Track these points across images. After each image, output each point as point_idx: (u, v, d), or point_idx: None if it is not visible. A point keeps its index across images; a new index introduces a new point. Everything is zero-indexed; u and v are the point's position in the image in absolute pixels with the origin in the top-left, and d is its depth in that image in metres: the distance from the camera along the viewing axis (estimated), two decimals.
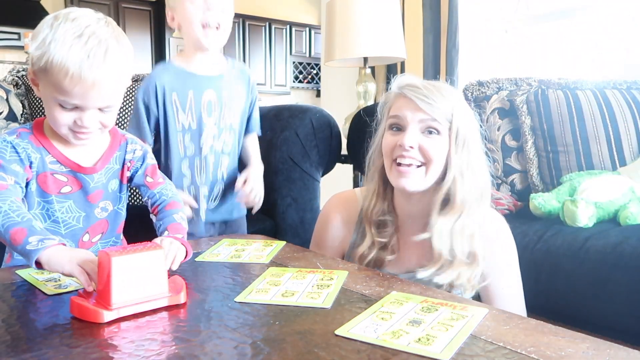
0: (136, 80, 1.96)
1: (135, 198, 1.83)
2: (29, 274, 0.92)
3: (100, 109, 0.95)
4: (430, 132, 1.02)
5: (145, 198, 1.11)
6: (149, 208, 1.09)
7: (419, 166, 1.03)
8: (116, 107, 0.99)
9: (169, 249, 0.91)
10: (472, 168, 1.03)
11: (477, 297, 1.09)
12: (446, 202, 1.04)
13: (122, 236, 1.13)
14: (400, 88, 1.05)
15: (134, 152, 1.09)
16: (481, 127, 1.10)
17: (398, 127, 1.05)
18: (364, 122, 1.17)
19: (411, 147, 1.02)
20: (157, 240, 0.95)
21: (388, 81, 1.12)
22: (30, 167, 0.97)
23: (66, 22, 0.90)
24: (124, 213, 1.11)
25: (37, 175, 0.99)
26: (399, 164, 1.04)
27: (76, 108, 0.93)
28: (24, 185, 0.96)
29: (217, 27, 1.39)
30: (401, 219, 1.12)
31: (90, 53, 0.88)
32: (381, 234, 1.10)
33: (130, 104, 1.91)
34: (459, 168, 1.02)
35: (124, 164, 1.08)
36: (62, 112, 0.94)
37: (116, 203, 1.09)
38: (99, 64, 0.89)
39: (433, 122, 1.01)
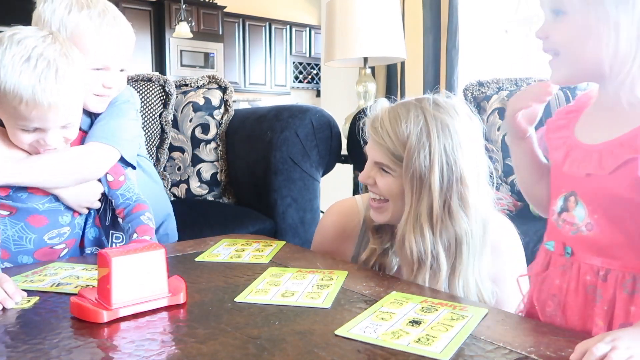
0: (136, 80, 1.96)
1: None
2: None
3: (63, 126, 0.96)
4: (384, 170, 0.98)
5: (110, 197, 1.10)
6: (115, 208, 1.10)
7: (384, 201, 1.00)
8: (77, 121, 1.00)
9: None
10: (435, 216, 0.92)
11: None
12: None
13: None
14: (368, 121, 1.02)
15: None
16: (490, 157, 0.97)
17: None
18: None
19: (367, 183, 1.01)
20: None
21: (388, 81, 1.11)
22: None
23: (12, 45, 0.89)
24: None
25: None
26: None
27: (37, 129, 0.94)
28: None
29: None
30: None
31: (41, 77, 0.88)
32: (379, 239, 1.06)
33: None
34: (413, 216, 0.93)
35: None
36: (24, 134, 0.94)
37: None
38: (51, 87, 0.89)
39: (381, 162, 0.98)
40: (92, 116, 1.16)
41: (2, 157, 0.98)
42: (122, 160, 1.13)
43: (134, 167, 1.18)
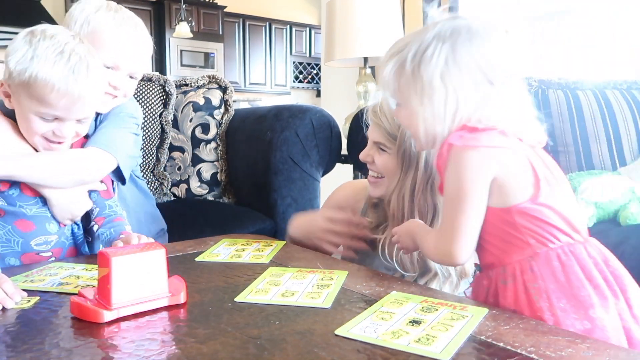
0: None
1: None
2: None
3: (78, 120, 1.00)
4: (381, 149, 1.09)
5: (94, 205, 1.11)
6: (92, 216, 1.11)
7: (380, 177, 1.11)
8: (92, 118, 1.05)
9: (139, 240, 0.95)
10: (417, 189, 1.03)
11: None
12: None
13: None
14: (370, 108, 1.13)
15: None
16: None
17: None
18: (364, 122, 1.19)
19: (366, 161, 1.12)
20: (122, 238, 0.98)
21: None
22: None
23: (45, 39, 0.95)
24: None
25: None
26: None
27: (56, 119, 0.98)
28: None
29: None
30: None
31: (75, 69, 0.94)
32: (375, 214, 1.16)
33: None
34: (399, 187, 1.05)
35: None
36: (41, 123, 0.98)
37: None
38: (83, 79, 0.95)
39: (379, 141, 1.08)
40: (95, 120, 1.18)
41: (8, 150, 1.00)
42: (116, 171, 1.15)
43: (124, 182, 1.19)
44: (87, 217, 1.12)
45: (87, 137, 1.12)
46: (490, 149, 0.77)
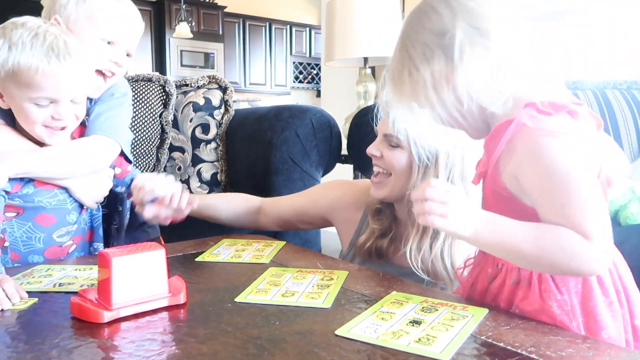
0: (136, 80, 1.96)
1: None
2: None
3: (72, 101, 1.00)
4: (392, 145, 1.03)
5: (118, 188, 1.15)
6: (125, 195, 1.15)
7: (387, 176, 1.06)
8: (85, 97, 1.06)
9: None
10: None
11: None
12: None
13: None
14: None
15: None
16: None
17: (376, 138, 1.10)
18: (364, 122, 1.17)
19: (373, 155, 1.06)
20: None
21: None
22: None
23: (16, 28, 0.96)
24: None
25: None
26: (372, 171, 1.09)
27: (51, 103, 0.98)
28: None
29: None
30: (399, 214, 1.12)
31: (53, 46, 0.95)
32: (379, 221, 1.11)
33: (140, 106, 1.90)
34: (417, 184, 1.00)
35: None
36: (38, 109, 0.98)
37: None
38: (64, 55, 0.96)
39: (392, 136, 1.02)
40: (89, 104, 1.19)
41: (15, 148, 1.01)
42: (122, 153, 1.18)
43: (130, 162, 1.21)
44: (109, 197, 1.15)
45: (83, 124, 1.13)
46: (571, 136, 0.68)
